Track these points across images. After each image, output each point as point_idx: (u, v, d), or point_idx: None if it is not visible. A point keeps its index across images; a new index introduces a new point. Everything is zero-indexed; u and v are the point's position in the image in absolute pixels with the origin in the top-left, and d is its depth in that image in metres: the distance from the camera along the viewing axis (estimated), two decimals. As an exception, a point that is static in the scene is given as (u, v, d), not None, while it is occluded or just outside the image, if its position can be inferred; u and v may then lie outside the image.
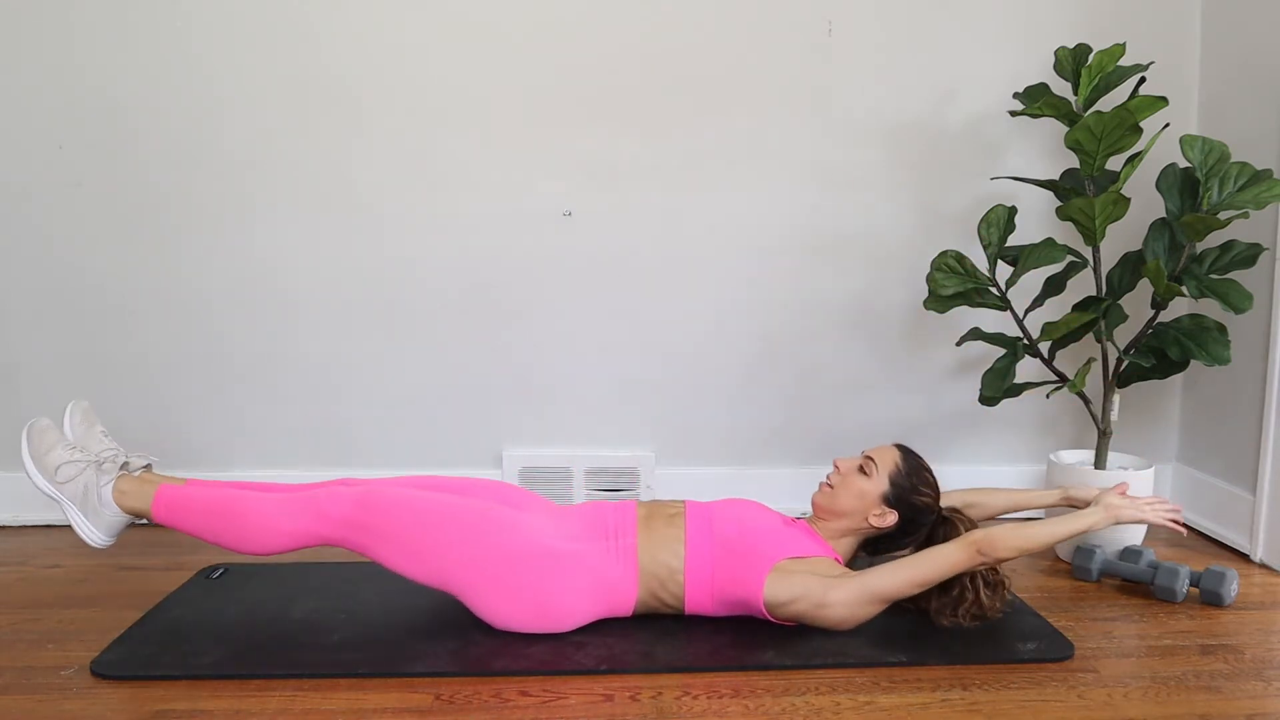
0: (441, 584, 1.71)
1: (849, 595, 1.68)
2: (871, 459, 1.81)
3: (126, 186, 2.33)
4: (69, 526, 2.39)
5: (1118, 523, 1.83)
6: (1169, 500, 1.94)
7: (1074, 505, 1.96)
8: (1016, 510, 2.02)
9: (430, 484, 1.83)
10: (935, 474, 1.86)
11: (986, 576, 1.76)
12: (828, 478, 1.85)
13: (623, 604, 1.75)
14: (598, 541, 1.74)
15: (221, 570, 2.06)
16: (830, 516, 1.81)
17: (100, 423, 1.84)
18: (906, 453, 1.84)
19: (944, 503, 1.94)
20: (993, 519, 2.02)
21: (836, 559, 1.77)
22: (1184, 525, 1.92)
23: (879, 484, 1.79)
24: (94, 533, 1.75)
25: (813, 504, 1.85)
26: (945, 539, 1.80)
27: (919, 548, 1.83)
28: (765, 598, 1.71)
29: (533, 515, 1.76)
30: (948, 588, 1.76)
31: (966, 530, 1.80)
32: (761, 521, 1.77)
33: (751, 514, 1.79)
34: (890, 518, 1.79)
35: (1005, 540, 1.68)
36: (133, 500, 1.74)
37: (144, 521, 1.77)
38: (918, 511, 1.80)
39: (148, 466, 1.79)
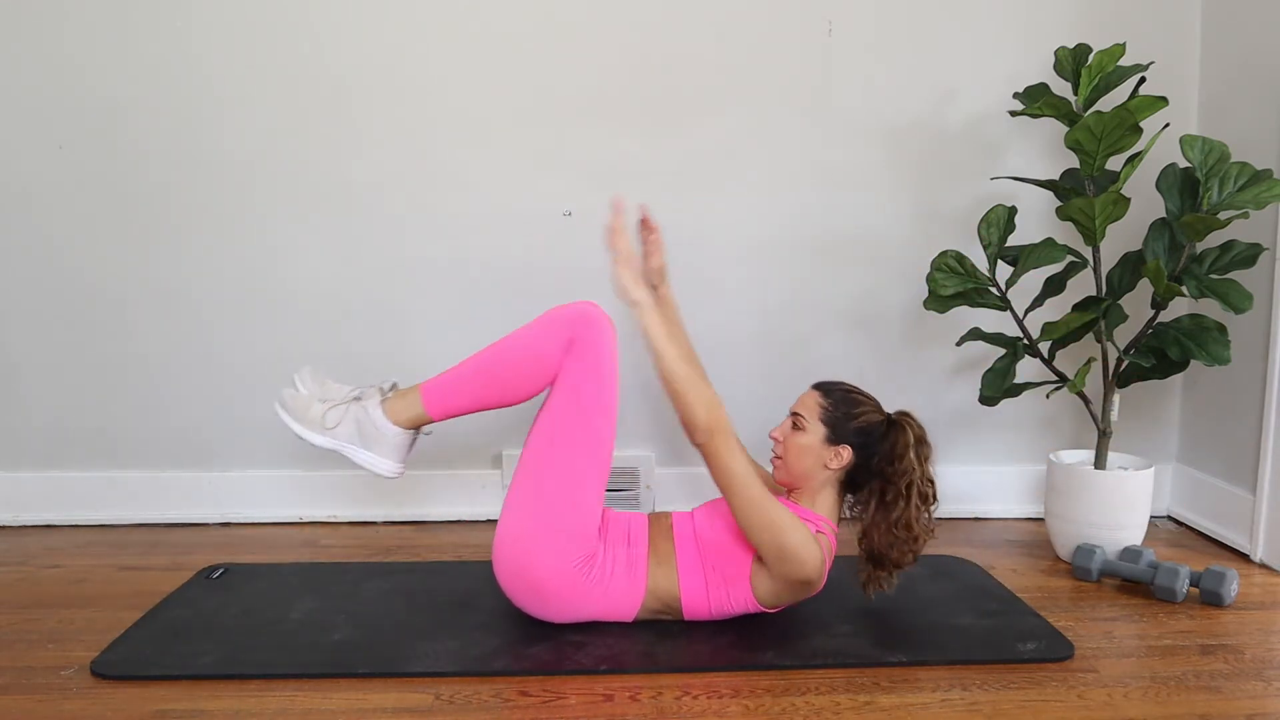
0: (529, 455, 1.71)
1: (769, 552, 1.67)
2: (798, 413, 1.79)
3: (126, 186, 2.33)
4: (70, 526, 2.40)
5: (629, 293, 1.67)
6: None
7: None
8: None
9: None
10: (865, 390, 1.82)
11: (919, 487, 1.73)
12: (773, 451, 1.83)
13: (625, 611, 1.75)
14: (617, 548, 1.75)
15: (221, 570, 2.06)
16: (795, 484, 1.80)
17: (329, 377, 1.83)
18: (827, 389, 1.81)
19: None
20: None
21: (816, 521, 1.75)
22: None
23: (816, 431, 1.76)
24: (384, 462, 1.74)
25: (776, 482, 1.85)
26: (897, 443, 1.75)
27: (879, 457, 1.77)
28: (757, 597, 1.73)
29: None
30: (883, 493, 1.74)
31: (915, 431, 1.76)
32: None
33: (726, 512, 1.77)
34: (845, 452, 1.76)
35: (681, 419, 1.65)
36: (405, 411, 1.73)
37: (428, 432, 1.77)
38: (865, 433, 1.77)
39: (394, 385, 1.79)
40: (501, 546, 1.72)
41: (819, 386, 1.82)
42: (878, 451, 1.77)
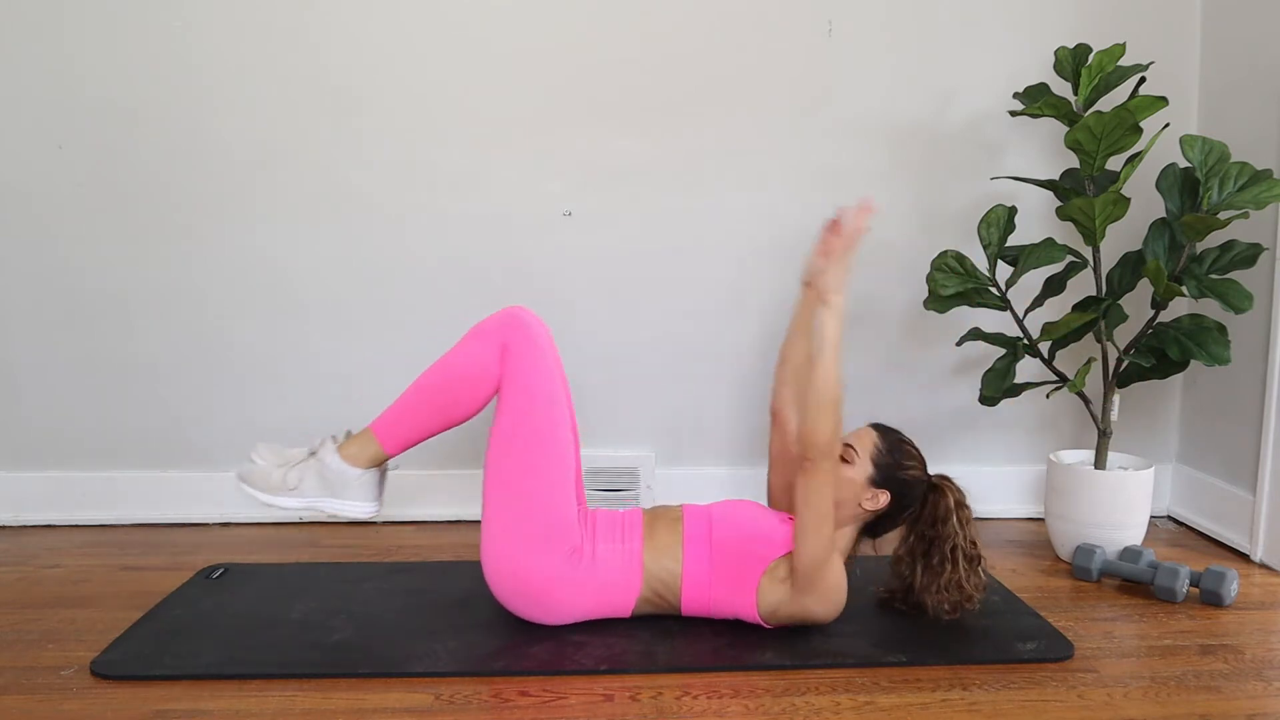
0: (492, 460, 1.72)
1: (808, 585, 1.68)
2: (851, 446, 1.79)
3: (126, 186, 2.33)
4: (70, 526, 2.40)
5: (831, 292, 1.66)
6: (849, 217, 1.73)
7: (810, 303, 1.89)
8: (805, 343, 1.92)
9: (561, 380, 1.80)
10: (916, 445, 1.83)
11: (965, 549, 1.75)
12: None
13: (622, 606, 1.75)
14: (607, 543, 1.75)
15: (221, 570, 2.06)
16: None
17: (283, 445, 1.85)
18: (884, 431, 1.82)
19: (779, 397, 1.95)
20: (804, 360, 1.90)
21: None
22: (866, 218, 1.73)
23: (863, 469, 1.77)
24: (357, 505, 1.76)
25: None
26: (938, 507, 1.78)
27: (917, 519, 1.80)
28: (759, 608, 1.73)
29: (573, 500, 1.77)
30: (928, 556, 1.77)
31: (955, 496, 1.79)
32: (760, 523, 1.76)
33: (748, 515, 1.78)
34: (882, 498, 1.77)
35: (806, 428, 1.63)
36: (362, 452, 1.75)
37: (394, 468, 1.79)
38: (907, 486, 1.78)
39: (348, 433, 1.81)
40: (488, 560, 1.73)
41: (877, 427, 1.83)
42: (911, 509, 1.80)
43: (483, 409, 1.77)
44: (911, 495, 1.79)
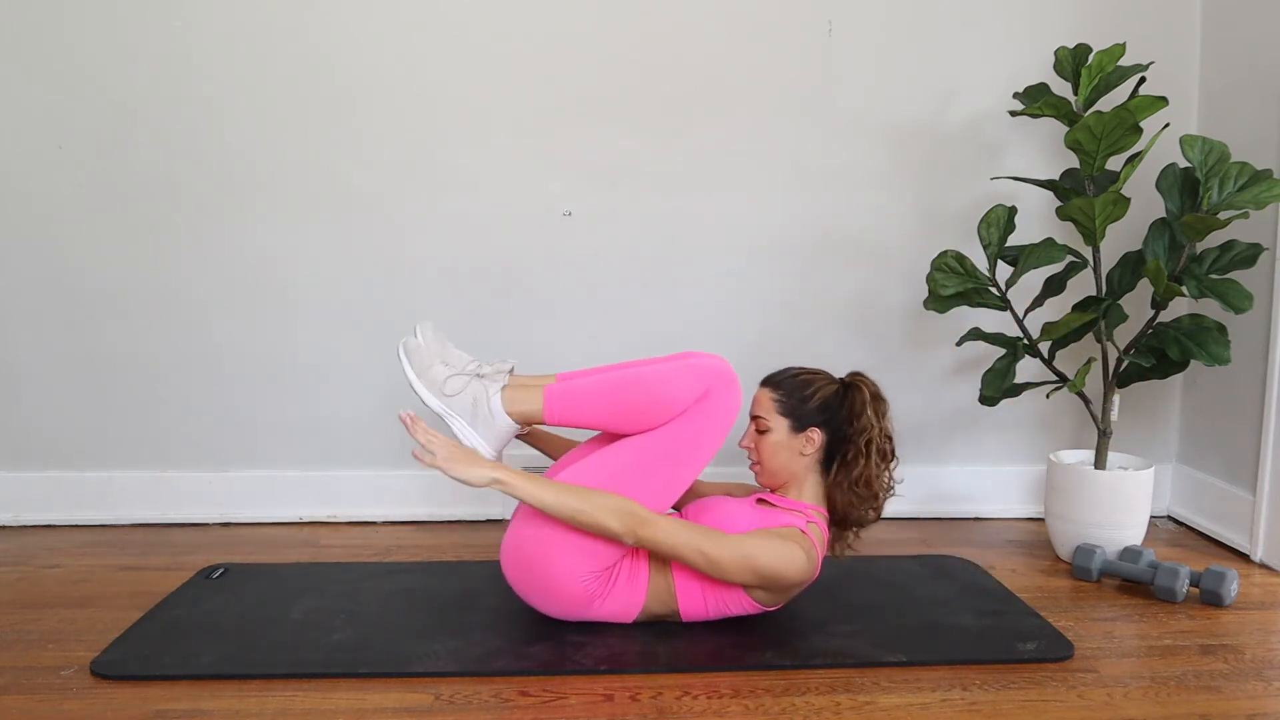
0: (611, 456, 1.69)
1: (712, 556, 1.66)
2: (757, 415, 1.79)
3: (126, 186, 2.33)
4: (70, 526, 2.40)
5: (477, 479, 1.60)
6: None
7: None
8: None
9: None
10: (808, 367, 1.82)
11: (878, 444, 1.74)
12: (749, 458, 1.83)
13: (626, 614, 1.75)
14: (623, 556, 1.74)
15: (221, 570, 2.06)
16: (778, 481, 1.80)
17: (450, 340, 1.80)
18: (774, 381, 1.81)
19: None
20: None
21: (804, 510, 1.75)
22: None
23: (779, 425, 1.76)
24: (483, 444, 1.72)
25: (760, 484, 1.84)
26: (854, 403, 1.75)
27: (846, 420, 1.76)
28: (754, 597, 1.73)
29: None
30: (844, 452, 1.75)
31: (870, 389, 1.77)
32: (723, 518, 1.73)
33: (712, 512, 1.76)
34: (815, 435, 1.76)
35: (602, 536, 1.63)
36: (522, 405, 1.71)
37: (528, 430, 1.74)
38: (826, 408, 1.77)
39: (512, 369, 1.77)
40: (517, 537, 1.70)
41: (767, 382, 1.82)
42: (844, 416, 1.77)
43: (647, 432, 1.71)
44: (834, 414, 1.77)
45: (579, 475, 1.69)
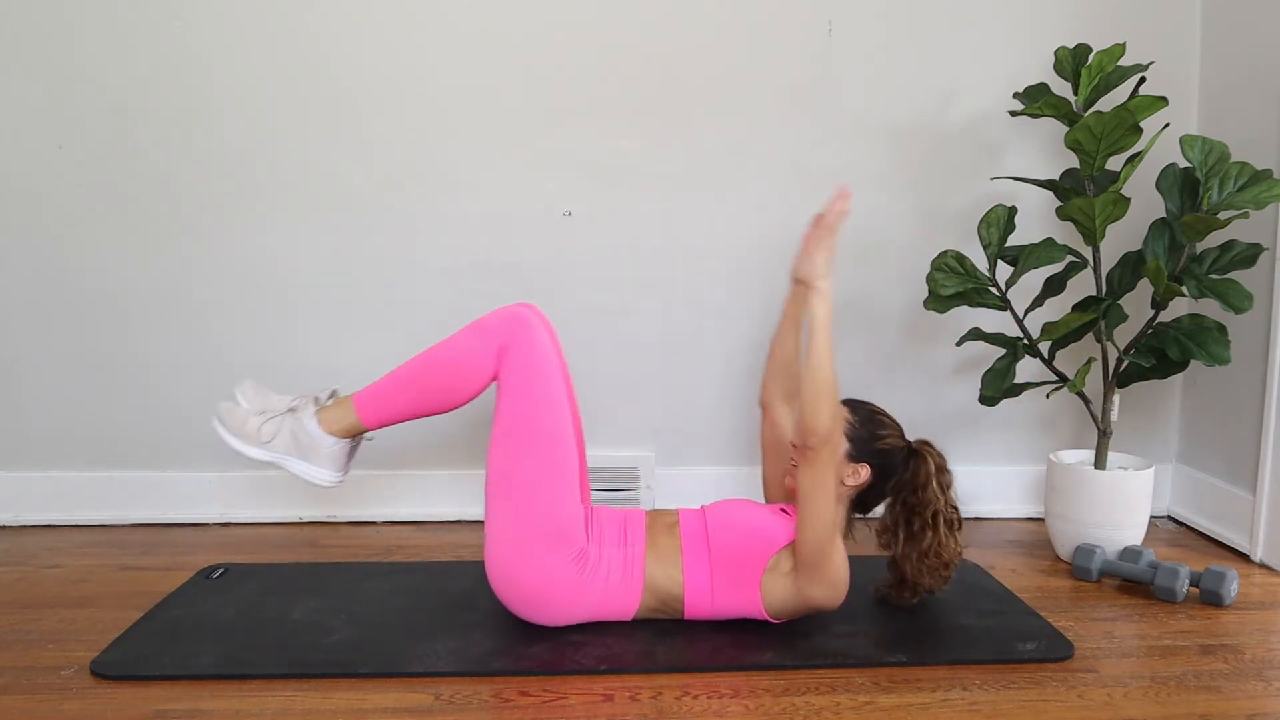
0: (493, 461, 1.70)
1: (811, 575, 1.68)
2: None
3: (126, 186, 2.33)
4: (70, 526, 2.40)
5: (818, 278, 1.68)
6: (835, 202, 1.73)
7: (800, 297, 1.89)
8: (795, 338, 1.96)
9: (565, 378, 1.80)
10: (891, 415, 1.83)
11: (945, 514, 1.75)
12: (790, 459, 1.83)
13: (624, 610, 1.75)
14: (611, 547, 1.74)
15: (221, 570, 2.06)
16: None
17: (271, 389, 1.84)
18: (855, 405, 1.81)
19: (768, 390, 1.96)
20: (794, 354, 1.95)
21: None
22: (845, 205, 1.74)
23: (840, 444, 1.76)
24: (321, 472, 1.75)
25: (789, 491, 1.83)
26: (919, 473, 1.77)
27: (899, 486, 1.79)
28: (766, 605, 1.72)
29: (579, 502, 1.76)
30: (910, 523, 1.76)
31: (935, 460, 1.78)
32: (755, 520, 1.75)
33: (743, 514, 1.77)
34: (863, 472, 1.76)
35: (804, 416, 1.62)
36: (340, 421, 1.74)
37: (369, 438, 1.77)
38: (887, 455, 1.78)
39: (334, 394, 1.78)
40: (492, 562, 1.72)
41: (847, 402, 1.81)
42: (895, 477, 1.78)
43: (468, 403, 1.76)
44: (892, 464, 1.78)
45: (490, 496, 1.72)
